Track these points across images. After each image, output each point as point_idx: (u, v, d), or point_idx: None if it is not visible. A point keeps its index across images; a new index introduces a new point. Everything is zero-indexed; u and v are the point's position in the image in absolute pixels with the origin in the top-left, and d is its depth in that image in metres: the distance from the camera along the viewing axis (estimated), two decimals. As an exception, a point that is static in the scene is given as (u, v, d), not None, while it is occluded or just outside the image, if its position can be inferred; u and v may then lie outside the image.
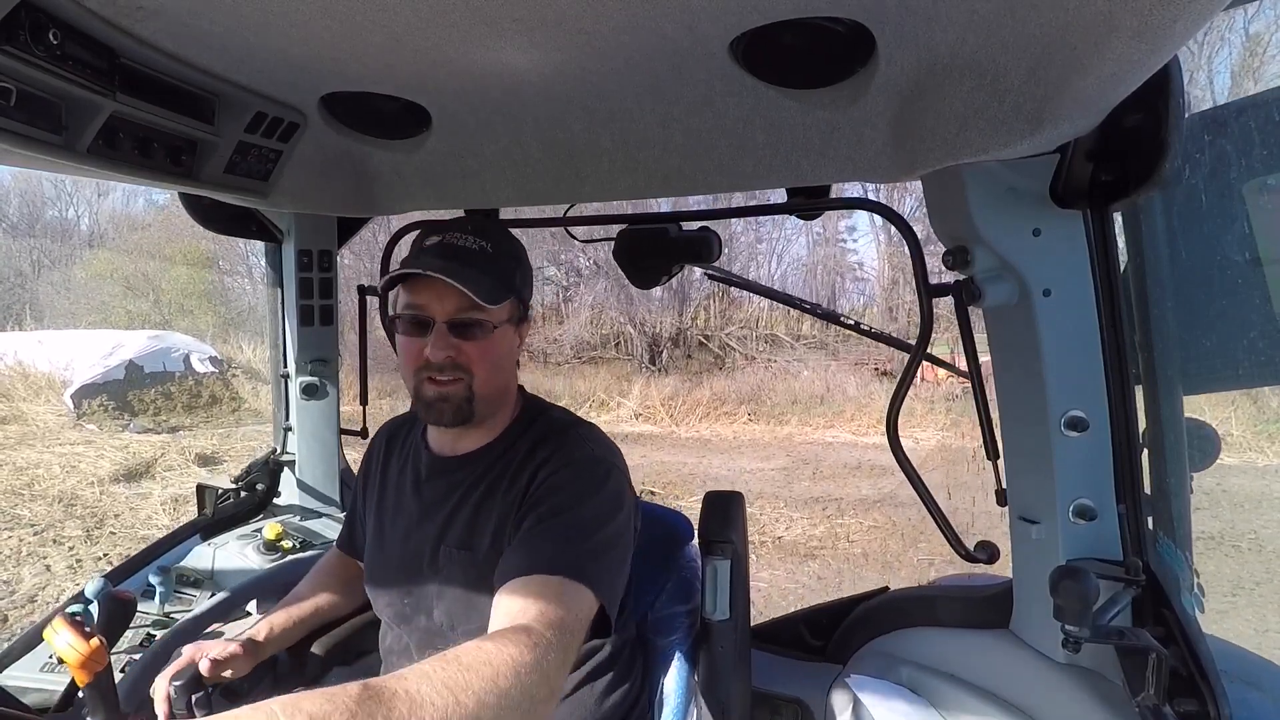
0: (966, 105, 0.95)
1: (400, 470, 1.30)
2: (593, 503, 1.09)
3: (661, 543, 1.48)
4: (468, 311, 1.11)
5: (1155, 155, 0.99)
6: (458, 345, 1.12)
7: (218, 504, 1.92)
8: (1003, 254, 1.13)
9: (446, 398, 1.13)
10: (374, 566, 1.29)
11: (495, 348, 1.16)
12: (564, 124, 1.25)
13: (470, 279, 1.08)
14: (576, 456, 1.15)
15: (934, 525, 1.30)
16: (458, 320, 1.12)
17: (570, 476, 1.11)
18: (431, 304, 1.11)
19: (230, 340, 14.77)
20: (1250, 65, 10.79)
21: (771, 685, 1.52)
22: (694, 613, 1.40)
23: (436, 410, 1.14)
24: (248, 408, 11.69)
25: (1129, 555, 1.14)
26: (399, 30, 0.89)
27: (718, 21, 0.87)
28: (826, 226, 17.12)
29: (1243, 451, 8.12)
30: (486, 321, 1.13)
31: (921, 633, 1.44)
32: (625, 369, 14.58)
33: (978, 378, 1.25)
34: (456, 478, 1.20)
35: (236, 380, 12.30)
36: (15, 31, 0.80)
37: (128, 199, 24.14)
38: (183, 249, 17.25)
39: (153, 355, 11.45)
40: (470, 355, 1.13)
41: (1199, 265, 1.16)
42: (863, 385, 12.38)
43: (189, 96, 1.11)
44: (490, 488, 1.16)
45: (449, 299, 1.10)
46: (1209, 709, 0.98)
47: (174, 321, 15.90)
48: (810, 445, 10.16)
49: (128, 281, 17.11)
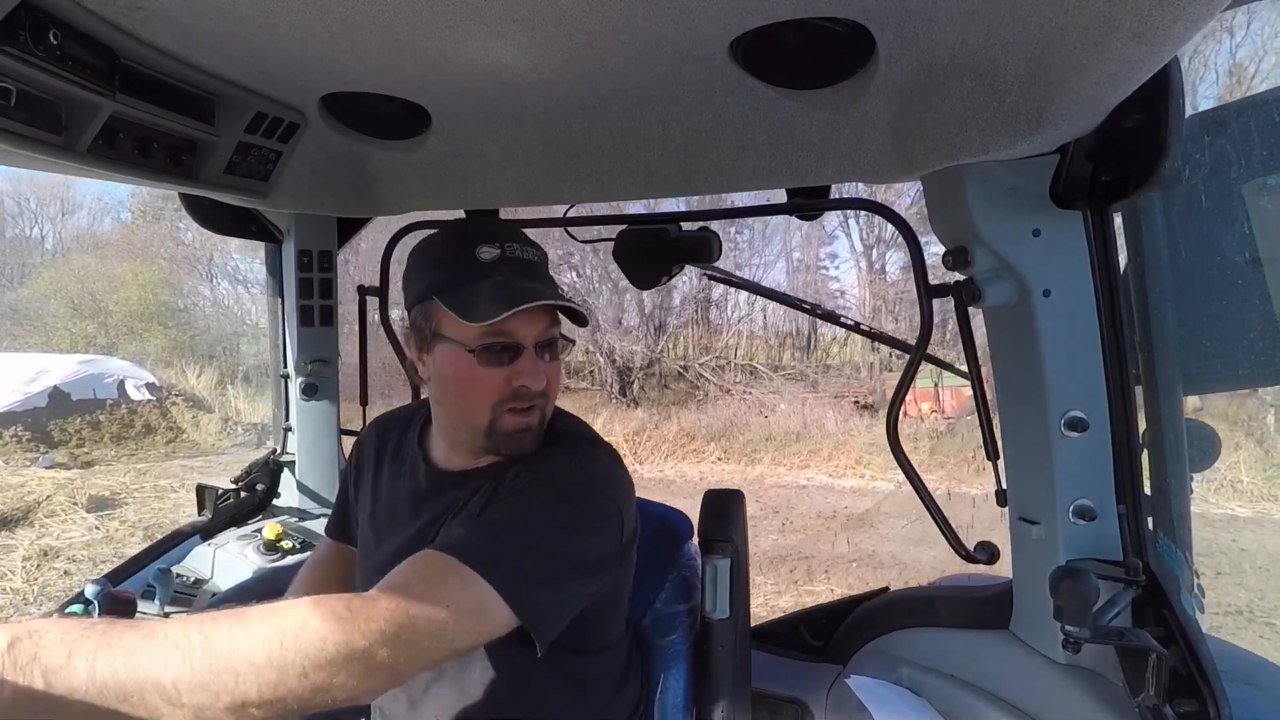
0: (966, 105, 0.95)
1: (394, 479, 1.21)
2: (552, 512, 0.98)
3: (661, 541, 1.47)
4: (552, 328, 1.03)
5: (1155, 155, 0.99)
6: (545, 370, 1.03)
7: (218, 504, 1.93)
8: (1003, 254, 1.13)
9: (529, 428, 1.04)
10: (367, 577, 1.21)
11: (561, 366, 1.08)
12: (564, 124, 1.25)
13: (561, 295, 1.00)
14: (556, 465, 1.05)
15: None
16: (546, 340, 1.03)
17: (540, 483, 1.02)
18: (522, 329, 1.00)
19: (175, 365, 13.97)
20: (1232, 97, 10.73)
21: (771, 685, 1.52)
22: (694, 611, 1.40)
23: (518, 441, 1.04)
24: (185, 439, 10.93)
25: (1129, 555, 1.14)
26: (399, 30, 0.89)
27: (718, 21, 0.87)
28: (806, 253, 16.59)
29: (1255, 500, 7.32)
30: (564, 339, 1.05)
31: (921, 633, 1.44)
32: (594, 400, 13.60)
33: (978, 378, 1.25)
34: (459, 494, 1.11)
35: (176, 409, 11.55)
36: (15, 31, 0.80)
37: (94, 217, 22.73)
38: (134, 268, 16.40)
39: (82, 381, 10.64)
40: (551, 379, 1.04)
41: (1199, 265, 1.16)
42: (842, 420, 11.60)
43: (189, 96, 1.10)
44: (483, 498, 1.08)
45: (538, 320, 1.01)
46: (1209, 709, 0.98)
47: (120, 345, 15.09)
48: (782, 489, 9.15)
49: (73, 302, 16.03)
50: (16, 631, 0.63)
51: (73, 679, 0.62)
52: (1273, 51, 10.29)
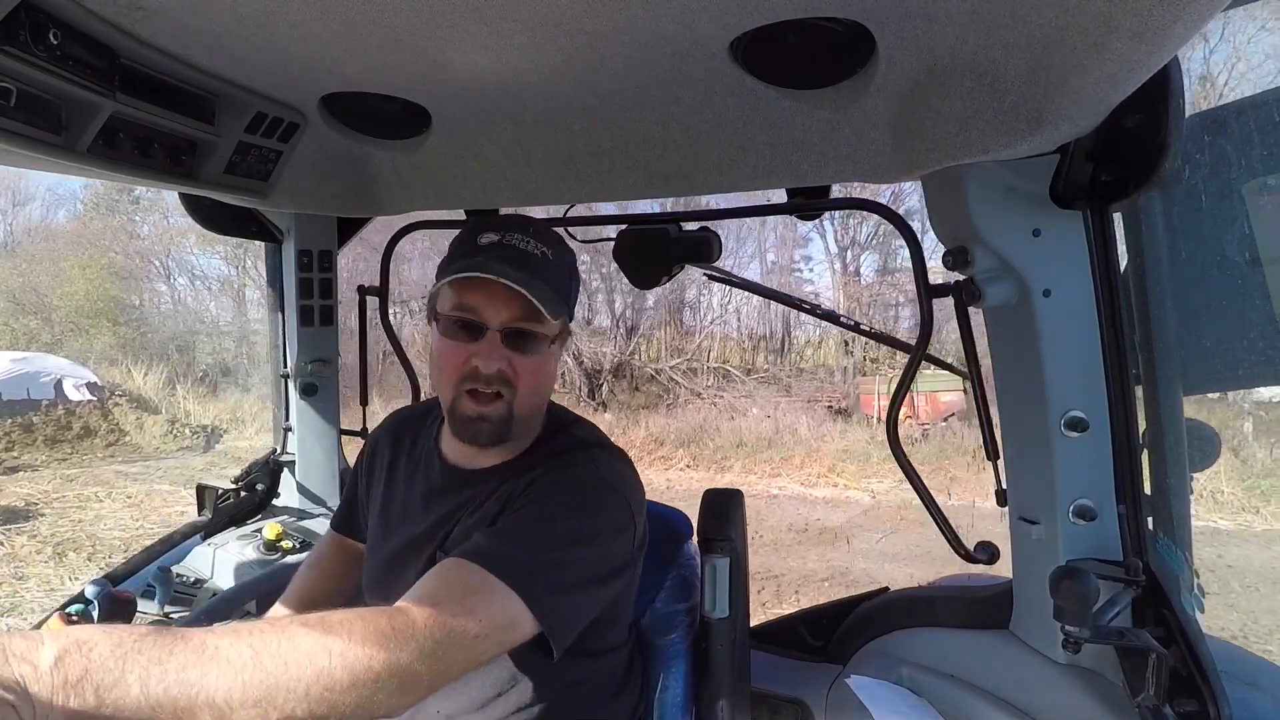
0: (966, 105, 0.95)
1: (409, 476, 1.22)
2: (570, 520, 0.99)
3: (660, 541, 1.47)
4: (525, 321, 1.02)
5: (1155, 155, 0.99)
6: (509, 357, 1.02)
7: (218, 504, 1.93)
8: (1003, 254, 1.13)
9: (485, 417, 1.04)
10: (372, 569, 1.25)
11: (545, 365, 1.08)
12: (564, 124, 1.25)
13: (537, 288, 0.99)
14: (574, 474, 1.06)
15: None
16: (513, 329, 1.02)
17: (559, 490, 1.03)
18: (486, 309, 1.01)
19: (121, 364, 13.24)
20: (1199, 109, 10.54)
21: (771, 685, 1.52)
22: (693, 611, 1.40)
23: (472, 429, 1.05)
24: (127, 442, 10.28)
25: (1129, 555, 1.14)
26: (399, 30, 0.89)
27: (718, 21, 0.87)
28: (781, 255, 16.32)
29: (1236, 513, 7.35)
30: (543, 335, 1.04)
31: (921, 633, 1.44)
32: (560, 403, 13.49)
33: (978, 378, 1.25)
34: (471, 492, 1.12)
35: (119, 409, 10.98)
36: (15, 31, 0.80)
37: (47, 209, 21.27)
38: (81, 262, 15.49)
39: (14, 381, 10.03)
40: (519, 370, 1.03)
41: (1199, 265, 1.16)
42: (815, 425, 11.37)
43: (189, 96, 1.10)
44: (498, 502, 1.09)
45: (507, 306, 1.01)
46: (1209, 709, 0.98)
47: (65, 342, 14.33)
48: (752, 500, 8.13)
49: (14, 297, 15.21)
50: (64, 643, 0.59)
51: (126, 696, 0.60)
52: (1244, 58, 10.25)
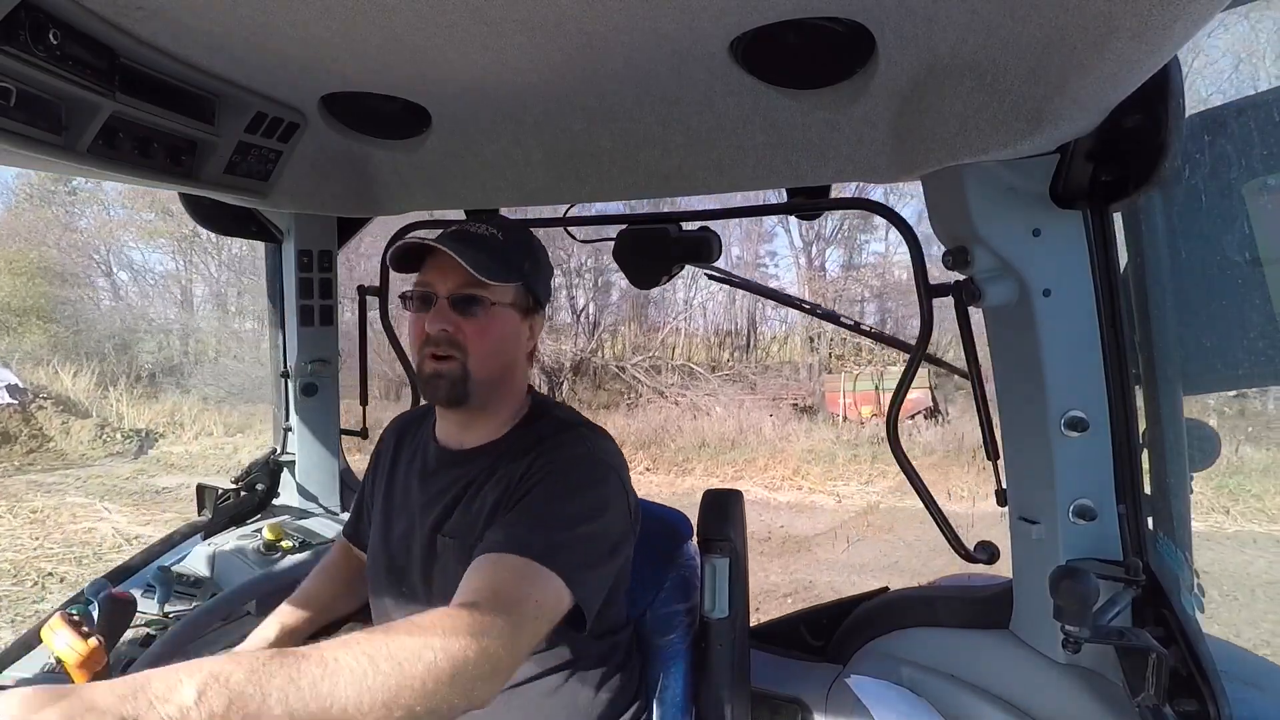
0: (966, 105, 0.95)
1: (409, 463, 1.30)
2: (580, 498, 1.08)
3: (660, 541, 1.47)
4: (467, 288, 1.13)
5: (1155, 155, 0.99)
6: (456, 321, 1.14)
7: (218, 504, 1.92)
8: (1003, 254, 1.13)
9: (441, 374, 1.14)
10: (375, 556, 1.29)
11: (494, 327, 1.16)
12: (564, 124, 1.25)
13: (470, 255, 1.10)
14: (572, 453, 1.14)
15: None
16: (458, 295, 1.14)
17: (561, 470, 1.11)
18: (435, 280, 1.14)
19: (48, 365, 12.40)
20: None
21: (771, 685, 1.52)
22: (693, 611, 1.40)
23: (433, 386, 1.16)
24: (51, 448, 9.63)
25: (1129, 555, 1.14)
26: (399, 30, 0.89)
27: (718, 21, 0.87)
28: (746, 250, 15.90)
29: (1207, 513, 7.26)
30: (485, 298, 1.14)
31: (921, 633, 1.44)
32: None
33: (978, 378, 1.25)
34: (460, 471, 1.20)
35: (43, 413, 10.31)
36: (15, 31, 0.80)
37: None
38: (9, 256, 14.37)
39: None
40: (467, 332, 1.14)
41: (1199, 265, 1.16)
42: (779, 425, 11.04)
43: (189, 96, 1.11)
44: (486, 480, 1.17)
45: (452, 276, 1.13)
46: (1209, 709, 0.98)
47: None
48: None
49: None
50: (201, 678, 0.62)
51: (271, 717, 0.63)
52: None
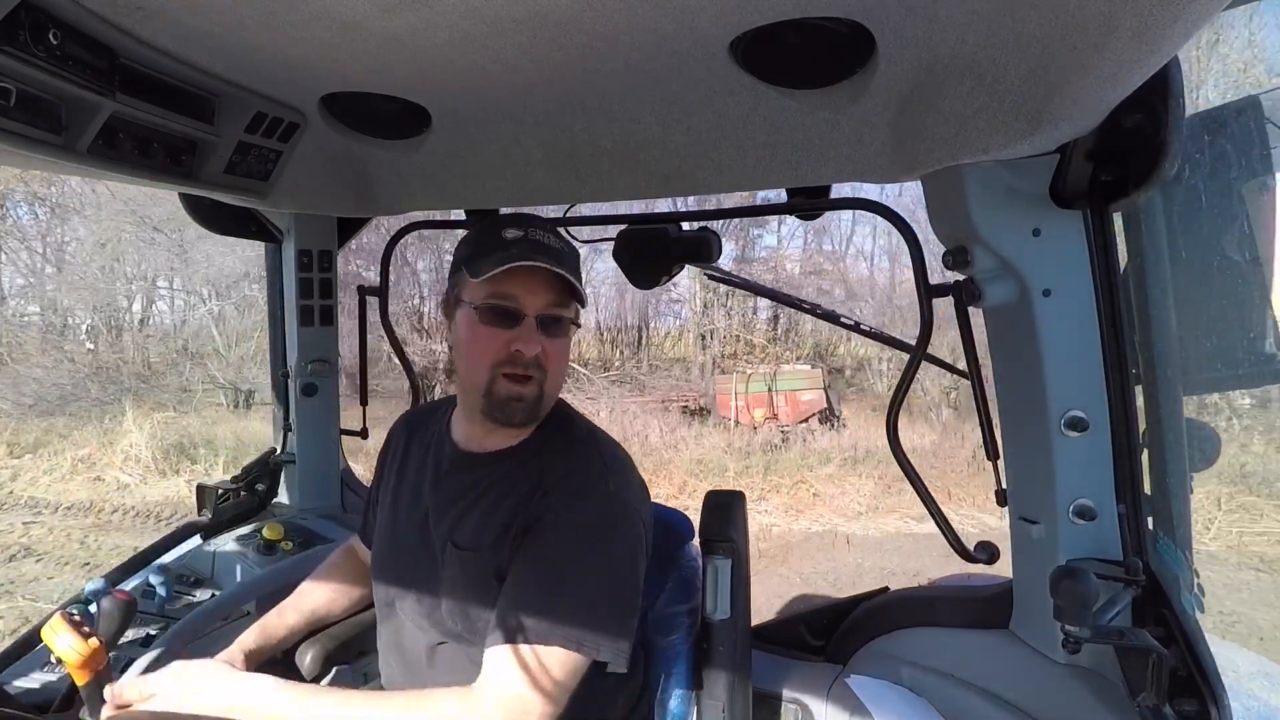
0: (966, 105, 0.95)
1: (421, 460, 1.27)
2: (602, 550, 1.05)
3: (662, 542, 1.47)
4: (557, 308, 1.09)
5: (1155, 155, 0.99)
6: (543, 343, 1.08)
7: (218, 504, 1.92)
8: (1003, 254, 1.13)
9: (522, 397, 1.09)
10: (381, 554, 1.27)
11: (568, 348, 1.16)
12: (564, 124, 1.25)
13: (570, 274, 1.06)
14: (593, 493, 1.09)
15: None
16: (547, 315, 1.08)
17: (581, 517, 1.07)
18: (524, 296, 1.07)
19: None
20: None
21: (772, 685, 1.52)
22: (694, 612, 1.40)
23: (509, 409, 1.10)
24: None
25: (1129, 555, 1.14)
26: (399, 30, 0.89)
27: (718, 21, 0.87)
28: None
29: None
30: (567, 319, 1.11)
31: (921, 633, 1.44)
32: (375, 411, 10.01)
33: (978, 378, 1.25)
34: (476, 475, 1.17)
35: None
36: (15, 31, 0.80)
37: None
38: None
39: None
40: (550, 354, 1.10)
41: (1199, 265, 1.16)
42: (668, 431, 10.30)
43: (189, 96, 1.10)
44: (505, 492, 1.13)
45: (543, 293, 1.07)
46: (1209, 709, 0.98)
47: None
48: None
49: None
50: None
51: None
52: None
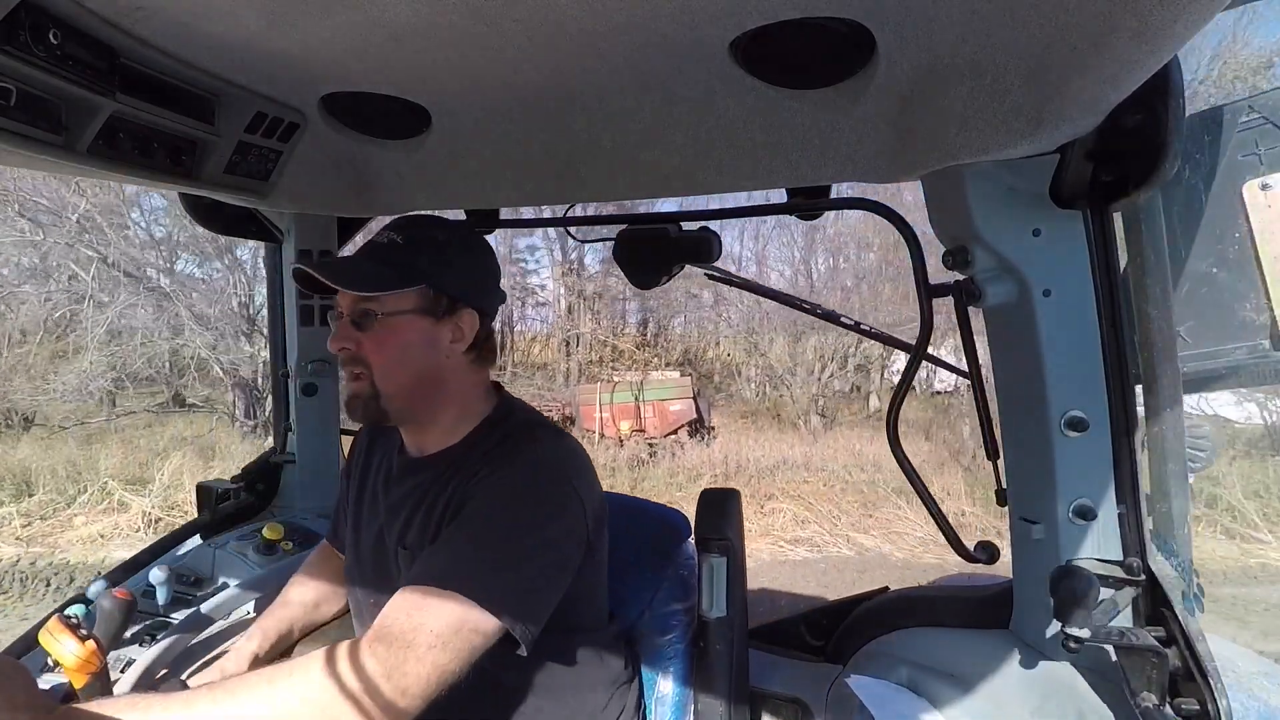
0: (966, 106, 0.95)
1: (378, 470, 1.29)
2: (519, 509, 1.03)
3: (658, 541, 1.47)
4: (361, 303, 1.12)
5: (1155, 155, 0.99)
6: (357, 338, 1.12)
7: (218, 504, 1.92)
8: (1003, 254, 1.13)
9: (356, 394, 1.13)
10: (349, 565, 1.30)
11: (391, 337, 1.11)
12: (564, 124, 1.24)
13: (351, 271, 1.10)
14: (517, 463, 1.08)
15: None
16: (355, 311, 1.12)
17: (504, 483, 1.06)
18: (340, 299, 1.14)
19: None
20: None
21: (771, 685, 1.52)
22: (691, 611, 1.40)
23: (351, 408, 1.15)
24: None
25: (1129, 555, 1.14)
26: (399, 30, 0.89)
27: (718, 21, 0.87)
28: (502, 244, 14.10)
29: None
30: (373, 310, 1.11)
31: (921, 633, 1.44)
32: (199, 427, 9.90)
33: (978, 378, 1.25)
34: (417, 479, 1.18)
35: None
36: (15, 31, 0.80)
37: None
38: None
39: None
40: (365, 348, 1.12)
41: (1199, 265, 1.16)
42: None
43: (189, 96, 1.10)
44: (441, 489, 1.12)
45: (348, 293, 1.12)
46: (1209, 709, 0.98)
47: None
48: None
49: None
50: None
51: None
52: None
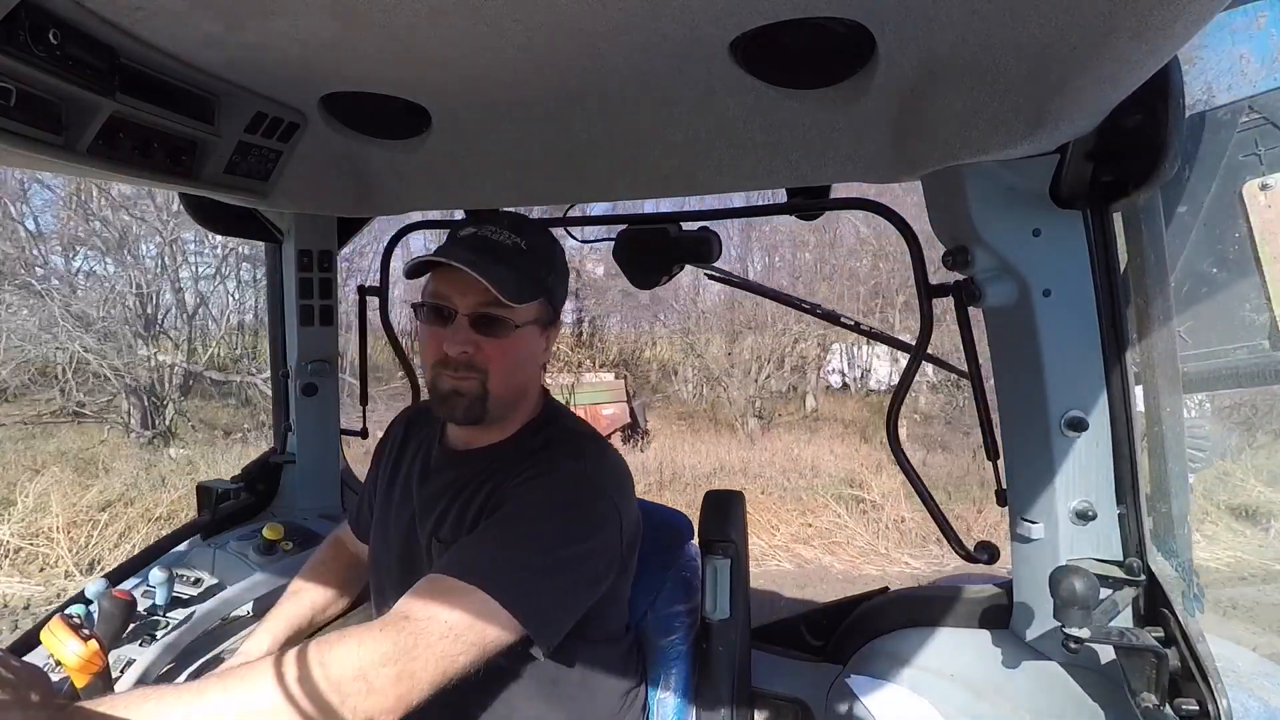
0: (966, 105, 0.95)
1: (413, 459, 1.28)
2: (557, 519, 1.02)
3: (661, 542, 1.47)
4: (490, 307, 1.08)
5: (1155, 155, 0.99)
6: (477, 341, 1.09)
7: (218, 504, 1.92)
8: (1002, 254, 1.13)
9: (460, 392, 1.10)
10: (376, 554, 1.28)
11: (516, 347, 1.12)
12: (564, 124, 1.24)
13: (496, 274, 1.05)
14: (560, 473, 1.08)
15: None
16: (479, 314, 1.09)
17: (546, 488, 1.06)
18: (454, 295, 1.09)
19: None
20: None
21: (771, 685, 1.52)
22: (694, 612, 1.40)
23: (449, 405, 1.11)
24: None
25: (1129, 555, 1.14)
26: (399, 30, 0.89)
27: (718, 21, 0.87)
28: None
29: None
30: (508, 319, 1.10)
31: (921, 633, 1.44)
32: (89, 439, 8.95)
33: (978, 378, 1.25)
34: (460, 472, 1.17)
35: None
36: (15, 31, 0.80)
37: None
38: None
39: None
40: (488, 353, 1.09)
41: (1199, 265, 1.16)
42: None
43: (189, 96, 1.10)
44: (482, 484, 1.13)
45: (472, 292, 1.08)
46: (1209, 709, 0.98)
47: None
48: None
49: None
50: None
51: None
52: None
